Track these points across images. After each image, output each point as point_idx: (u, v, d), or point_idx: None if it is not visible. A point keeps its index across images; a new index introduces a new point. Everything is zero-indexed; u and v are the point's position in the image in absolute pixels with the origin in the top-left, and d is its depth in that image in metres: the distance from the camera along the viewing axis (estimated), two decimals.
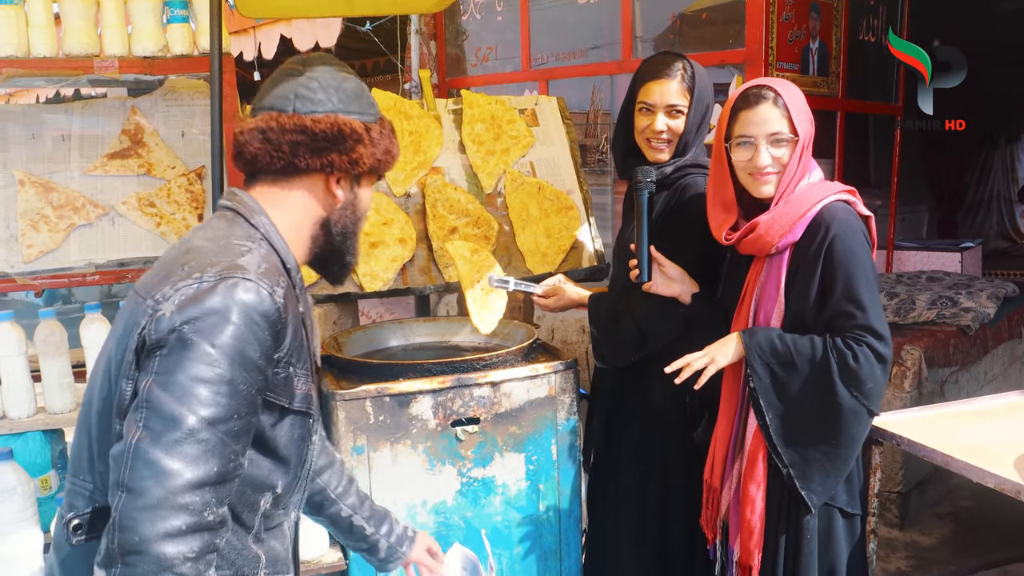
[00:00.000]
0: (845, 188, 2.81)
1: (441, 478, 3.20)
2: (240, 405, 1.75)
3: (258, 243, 1.94)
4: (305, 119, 1.98)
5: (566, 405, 3.31)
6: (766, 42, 5.68)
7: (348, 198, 2.08)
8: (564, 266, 3.89)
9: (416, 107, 4.00)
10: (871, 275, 2.68)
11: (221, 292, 1.75)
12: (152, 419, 1.66)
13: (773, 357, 2.72)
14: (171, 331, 1.72)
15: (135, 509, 1.61)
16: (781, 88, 2.74)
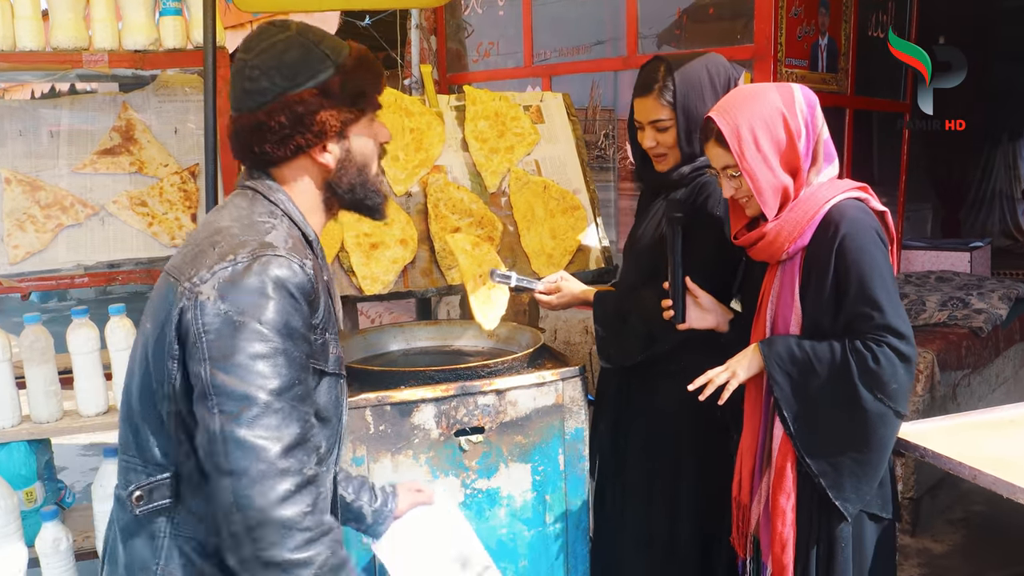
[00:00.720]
0: (856, 185, 2.71)
1: (444, 489, 3.04)
2: (298, 371, 1.85)
3: (280, 219, 2.01)
4: (259, 115, 1.99)
5: (574, 413, 3.19)
6: (775, 38, 5.55)
7: (341, 156, 2.08)
8: (570, 268, 3.76)
9: (417, 103, 3.88)
10: (886, 272, 2.59)
11: (256, 271, 1.83)
12: (225, 403, 1.77)
13: (792, 365, 2.64)
14: (217, 315, 1.80)
15: (244, 488, 1.73)
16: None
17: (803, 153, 2.63)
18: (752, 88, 2.77)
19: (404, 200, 3.70)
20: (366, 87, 2.09)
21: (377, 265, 3.54)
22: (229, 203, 2.07)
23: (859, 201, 2.67)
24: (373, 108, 2.14)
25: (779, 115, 2.63)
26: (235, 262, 1.84)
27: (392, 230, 3.59)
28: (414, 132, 3.80)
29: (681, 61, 3.12)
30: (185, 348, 1.84)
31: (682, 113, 3.06)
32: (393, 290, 3.58)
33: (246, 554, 1.75)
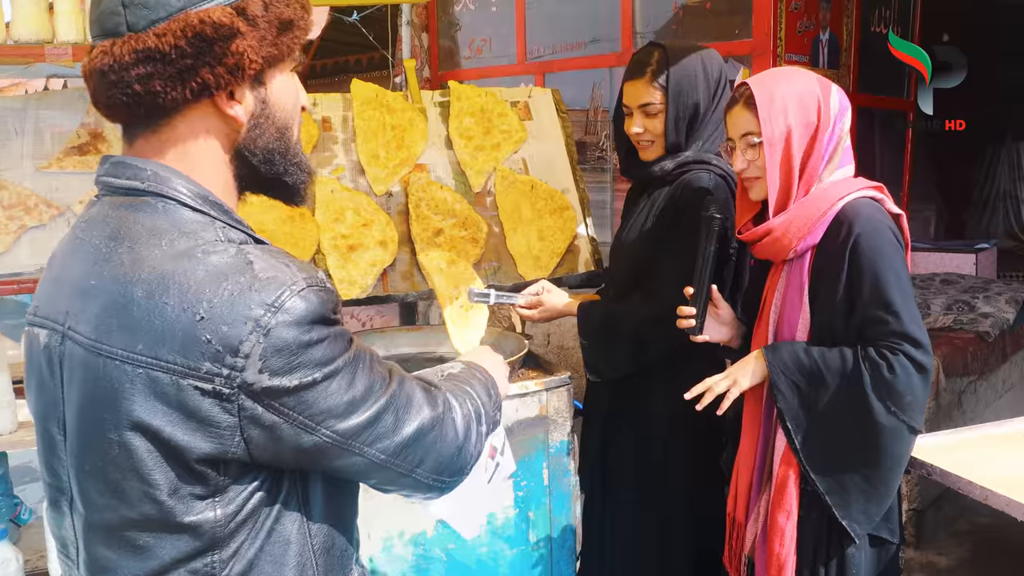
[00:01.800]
0: (871, 184, 2.59)
1: (420, 507, 2.87)
2: (379, 369, 1.60)
3: (225, 232, 1.51)
4: (146, 37, 1.43)
5: (559, 425, 3.04)
6: (774, 33, 5.44)
7: (254, 109, 1.56)
8: (559, 271, 3.61)
9: (400, 99, 3.72)
10: (903, 276, 2.46)
11: (292, 321, 1.42)
12: (367, 437, 1.54)
13: (799, 374, 2.51)
14: (285, 390, 1.43)
15: (440, 457, 1.65)
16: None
17: (823, 147, 2.53)
18: (792, 68, 2.72)
19: (384, 200, 3.55)
20: (293, 16, 1.57)
21: (355, 268, 3.38)
22: (136, 226, 1.50)
23: (874, 200, 2.55)
24: (299, 48, 1.61)
25: (815, 98, 2.53)
26: (264, 330, 1.41)
27: (371, 231, 3.43)
28: (395, 129, 3.64)
29: (677, 48, 3.06)
30: (253, 443, 1.46)
31: (674, 98, 2.98)
32: (372, 294, 3.42)
33: (449, 484, 1.70)
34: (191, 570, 1.50)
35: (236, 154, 1.58)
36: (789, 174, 2.53)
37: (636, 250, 3.08)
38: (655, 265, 2.98)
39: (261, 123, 1.58)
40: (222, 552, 1.51)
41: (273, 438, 1.46)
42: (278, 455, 1.49)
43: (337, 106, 3.67)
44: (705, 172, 2.98)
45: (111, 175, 1.54)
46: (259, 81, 1.56)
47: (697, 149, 3.03)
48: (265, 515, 1.54)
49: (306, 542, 1.60)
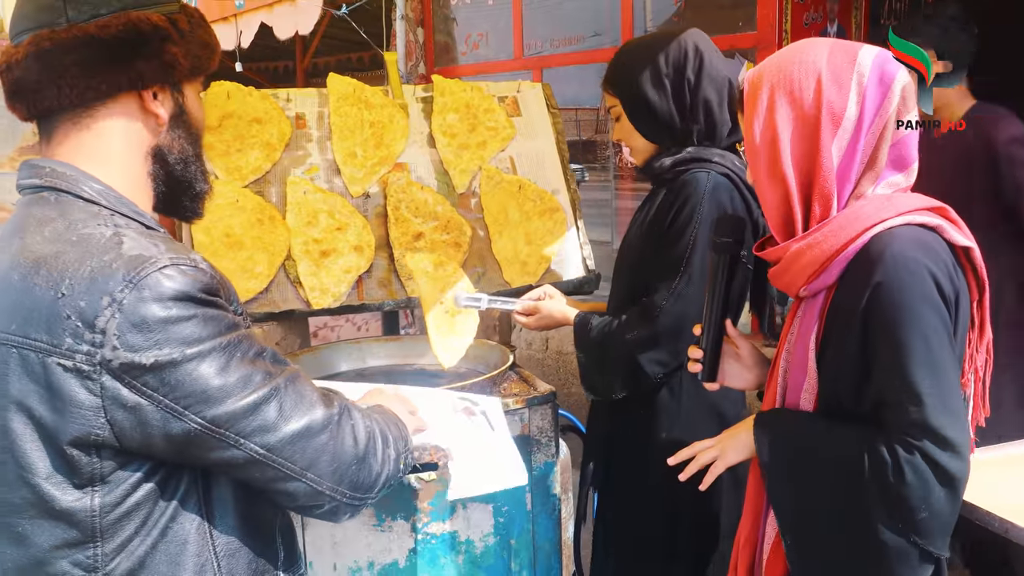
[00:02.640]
0: (926, 205, 1.91)
1: (391, 535, 2.67)
2: (256, 347, 1.61)
3: (112, 219, 1.59)
4: (88, 27, 1.58)
5: (543, 446, 2.82)
6: (779, 25, 5.27)
7: (174, 112, 1.72)
8: (547, 277, 3.39)
9: (379, 94, 3.50)
10: (936, 344, 1.81)
11: (151, 298, 1.47)
12: (244, 426, 1.55)
13: (792, 460, 2.02)
14: (151, 369, 1.47)
15: (326, 467, 1.64)
16: None
17: (839, 147, 1.90)
18: (806, 41, 2.03)
19: (361, 202, 3.33)
20: (211, 41, 1.76)
21: (328, 275, 3.17)
22: (25, 219, 1.59)
23: (925, 228, 1.88)
24: (207, 73, 1.80)
25: (813, 79, 1.91)
26: (118, 304, 1.45)
27: (346, 235, 3.22)
28: (374, 126, 3.43)
29: (631, 42, 2.94)
30: (118, 425, 1.48)
31: (624, 101, 2.78)
32: (346, 303, 3.21)
33: (356, 501, 1.73)
34: (74, 561, 1.53)
35: (154, 152, 1.71)
36: (784, 190, 1.95)
37: (632, 259, 2.86)
38: (650, 278, 2.71)
39: (178, 127, 1.74)
40: (104, 545, 1.53)
41: (139, 422, 1.48)
42: (148, 442, 1.50)
43: (312, 102, 3.45)
44: (703, 172, 2.65)
45: (21, 177, 1.65)
46: (179, 89, 1.73)
47: (696, 146, 2.73)
48: (160, 511, 1.57)
49: (206, 544, 1.62)
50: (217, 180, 3.17)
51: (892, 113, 1.89)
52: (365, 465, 1.72)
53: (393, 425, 1.90)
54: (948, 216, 1.91)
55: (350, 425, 1.71)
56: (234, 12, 8.14)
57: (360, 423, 1.75)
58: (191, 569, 1.60)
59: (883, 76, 1.90)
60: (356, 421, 1.74)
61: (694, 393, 2.62)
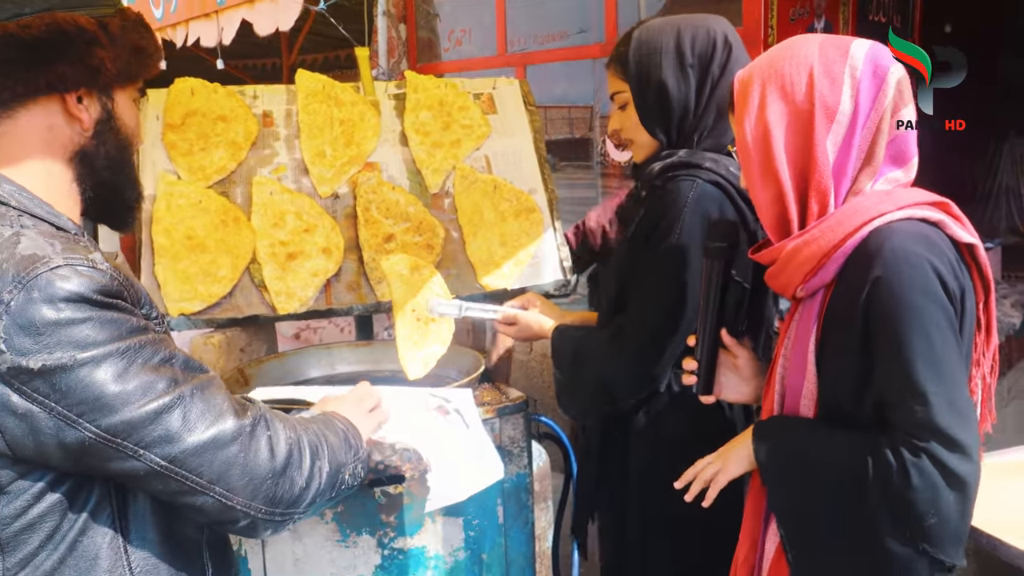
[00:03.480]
0: (927, 199, 1.87)
1: (356, 551, 2.58)
2: (161, 353, 1.56)
3: (19, 219, 1.56)
4: (9, 26, 1.55)
5: (515, 456, 2.71)
6: (765, 21, 5.17)
7: (100, 117, 1.68)
8: (522, 280, 3.28)
9: (350, 91, 3.40)
10: (939, 341, 1.74)
11: (40, 300, 1.43)
12: (143, 436, 1.50)
13: (792, 468, 1.95)
14: (38, 375, 1.43)
15: (235, 481, 1.58)
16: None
17: (833, 141, 1.86)
18: (795, 37, 1.99)
19: (330, 203, 3.24)
20: (147, 47, 1.74)
21: (294, 279, 3.06)
22: None
23: (927, 223, 1.83)
24: (144, 80, 1.78)
25: (805, 73, 1.87)
26: (5, 304, 1.42)
27: (313, 237, 3.12)
28: (344, 124, 3.33)
29: (649, 23, 2.57)
30: (9, 433, 1.45)
31: (634, 84, 2.52)
32: (313, 307, 3.10)
33: (278, 517, 1.66)
34: None
35: (80, 156, 1.67)
36: (777, 189, 1.90)
37: (615, 271, 2.68)
38: (628, 295, 2.56)
39: (105, 132, 1.70)
40: (6, 559, 1.50)
41: (31, 429, 1.44)
42: (42, 451, 1.46)
43: (280, 99, 3.35)
44: (688, 180, 2.44)
45: None
46: (108, 94, 1.69)
47: (693, 146, 2.53)
48: (68, 525, 1.53)
49: (120, 560, 1.59)
50: (180, 180, 3.07)
51: (888, 106, 1.85)
52: (285, 478, 1.66)
53: (333, 435, 1.85)
54: (951, 211, 1.86)
55: (266, 436, 1.66)
56: (215, 8, 8.07)
57: (281, 434, 1.69)
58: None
59: (876, 69, 1.85)
60: (276, 432, 1.68)
61: (672, 418, 2.49)
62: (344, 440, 1.87)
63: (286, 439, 1.69)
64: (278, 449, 1.65)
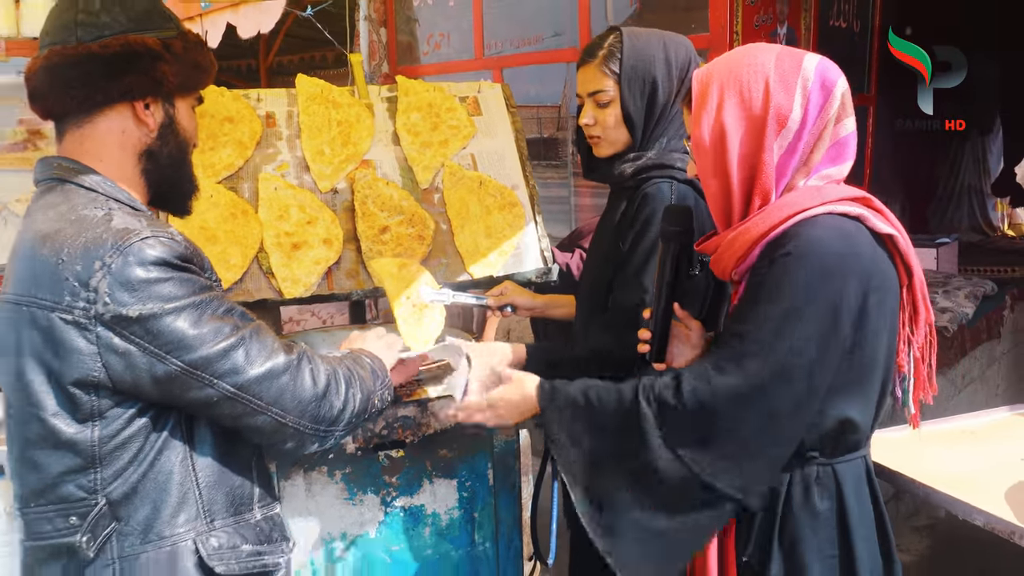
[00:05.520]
0: (853, 195, 2.05)
1: (362, 508, 2.85)
2: (224, 305, 1.91)
3: (107, 203, 1.90)
4: (92, 46, 1.89)
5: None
6: (731, 27, 5.39)
7: (164, 122, 2.01)
8: (506, 268, 3.55)
9: (345, 94, 3.66)
10: (811, 316, 1.93)
11: (135, 263, 1.78)
12: (216, 369, 1.85)
13: (574, 419, 2.16)
14: (137, 323, 1.78)
15: (286, 404, 1.94)
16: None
17: (781, 145, 2.02)
18: (754, 45, 2.15)
19: (329, 197, 3.49)
20: (203, 63, 2.06)
21: (299, 266, 3.32)
22: (37, 205, 1.94)
23: (847, 217, 2.01)
24: (201, 90, 2.12)
25: (762, 82, 2.03)
26: (107, 268, 1.77)
27: (316, 229, 3.38)
28: (341, 125, 3.58)
29: (635, 31, 2.76)
30: (112, 368, 1.81)
31: (627, 83, 2.68)
32: (316, 292, 3.36)
33: (322, 432, 2.01)
34: (78, 485, 1.85)
35: (146, 154, 2.00)
36: (726, 185, 2.07)
37: (595, 274, 2.89)
38: (610, 293, 2.76)
39: (167, 134, 2.02)
40: (103, 471, 1.85)
41: (129, 364, 1.80)
42: (137, 383, 1.82)
43: (282, 101, 3.61)
44: (667, 183, 2.66)
45: (36, 172, 1.99)
46: (170, 102, 2.01)
47: (661, 148, 2.73)
48: (149, 445, 1.89)
49: (188, 476, 1.94)
50: None
51: (832, 116, 2.02)
52: (326, 402, 2.00)
53: (363, 368, 2.19)
54: (872, 205, 2.05)
55: (309, 368, 1.99)
56: (199, 12, 8.26)
57: (320, 367, 2.03)
58: (176, 496, 1.91)
59: (825, 82, 2.03)
60: (316, 365, 2.02)
61: None
62: (371, 372, 2.21)
63: (325, 371, 2.03)
64: (319, 379, 1.99)
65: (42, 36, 1.96)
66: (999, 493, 2.53)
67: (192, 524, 1.93)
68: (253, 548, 2.01)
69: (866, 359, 2.01)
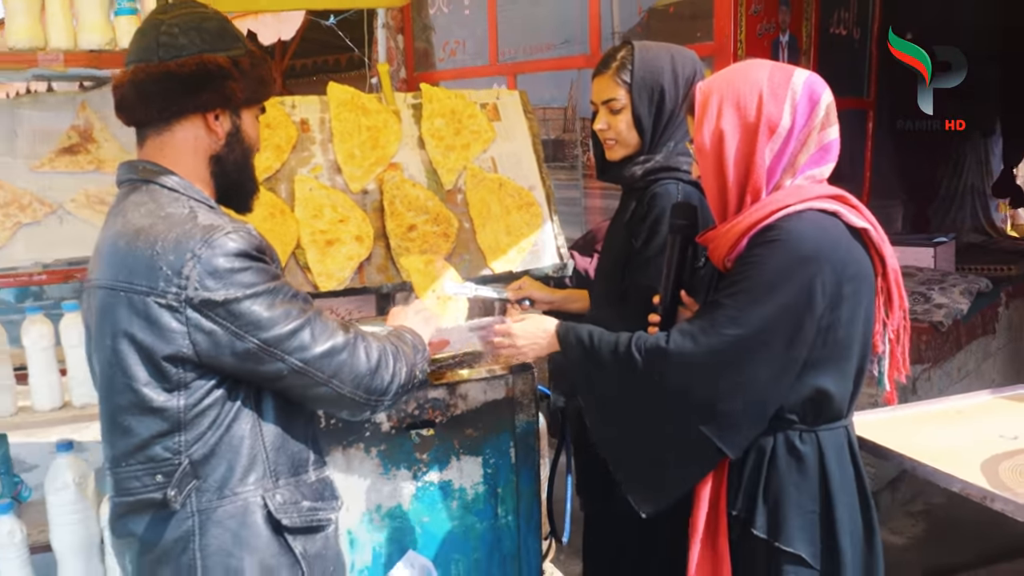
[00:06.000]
0: (830, 193, 2.32)
1: (396, 483, 3.13)
2: (291, 293, 2.15)
3: (188, 202, 2.14)
4: (170, 65, 2.12)
5: (524, 407, 3.24)
6: (734, 36, 5.63)
7: (230, 131, 2.24)
8: (524, 264, 3.81)
9: (374, 101, 3.92)
10: (780, 295, 2.22)
11: (220, 253, 2.02)
12: (287, 346, 2.10)
13: (583, 357, 2.54)
14: (220, 305, 2.02)
15: (345, 377, 2.19)
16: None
17: (773, 151, 2.28)
18: (749, 61, 2.45)
19: (360, 197, 3.74)
20: (267, 78, 2.31)
21: (332, 262, 3.57)
22: (127, 203, 2.17)
23: (825, 213, 2.28)
24: (264, 102, 2.35)
25: (755, 97, 2.29)
26: (197, 257, 2.01)
27: (348, 227, 3.62)
28: (371, 130, 3.83)
29: (646, 44, 3.03)
30: (199, 345, 2.04)
31: (637, 92, 2.94)
32: (349, 286, 3.61)
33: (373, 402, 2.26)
34: (164, 447, 2.10)
35: (215, 158, 2.25)
36: (723, 184, 2.33)
37: (608, 269, 3.16)
38: (627, 290, 2.99)
39: (233, 141, 2.26)
40: (186, 435, 2.10)
41: (214, 342, 2.04)
42: (219, 358, 2.07)
43: (315, 108, 3.86)
44: (673, 183, 2.92)
45: (120, 173, 2.24)
46: (236, 113, 2.25)
47: (668, 151, 2.97)
48: (225, 413, 2.13)
49: (258, 440, 2.18)
50: None
51: (816, 125, 2.29)
52: (377, 376, 2.25)
53: (405, 344, 2.44)
54: (848, 202, 2.32)
55: (363, 347, 2.24)
56: None
57: (373, 345, 2.28)
58: (247, 458, 2.16)
59: (811, 94, 2.29)
60: (369, 344, 2.27)
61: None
62: (412, 347, 2.46)
63: (377, 348, 2.28)
64: (371, 356, 2.25)
65: (128, 53, 2.20)
66: (976, 465, 2.78)
67: (260, 483, 2.17)
68: (311, 504, 2.26)
69: (840, 338, 2.28)
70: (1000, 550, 4.65)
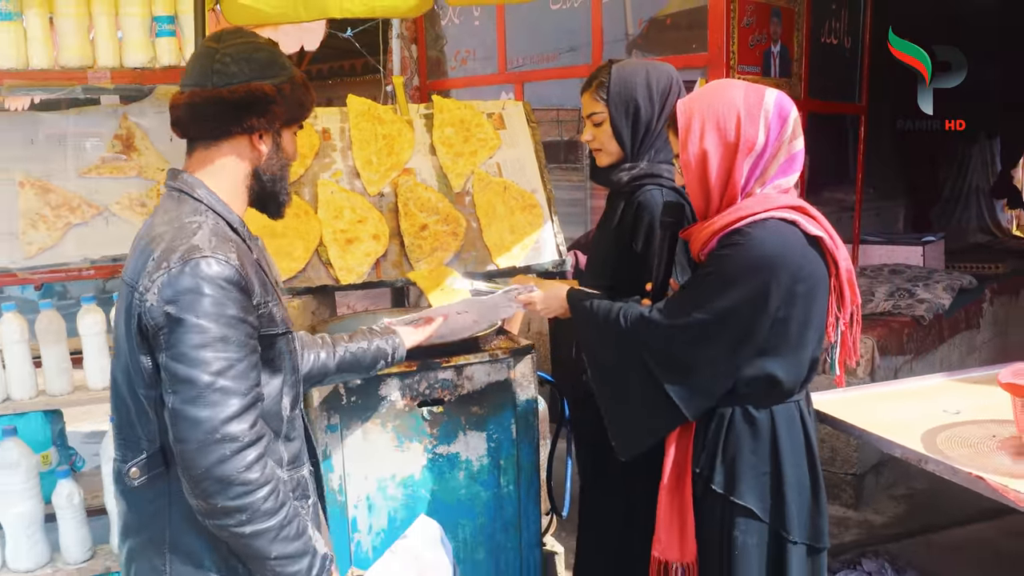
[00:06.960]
0: (791, 203, 2.62)
1: (409, 454, 3.45)
2: (237, 352, 2.18)
3: (205, 215, 2.30)
4: (223, 91, 2.30)
5: (524, 387, 3.56)
6: (727, 46, 5.84)
7: (271, 150, 2.41)
8: (527, 260, 4.16)
9: (390, 112, 4.28)
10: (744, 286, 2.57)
11: (189, 273, 2.14)
12: (176, 385, 2.13)
13: (584, 318, 2.95)
14: (163, 315, 2.14)
15: (189, 452, 2.11)
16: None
17: (748, 166, 2.59)
18: (724, 82, 2.74)
19: (377, 200, 4.09)
20: (306, 103, 2.47)
21: (352, 258, 3.93)
22: (162, 207, 2.37)
23: (785, 222, 2.60)
24: (302, 122, 2.53)
25: (734, 119, 2.57)
26: (169, 269, 2.14)
27: (366, 226, 3.98)
28: (386, 138, 4.19)
29: (624, 62, 3.30)
30: (149, 344, 2.20)
31: (613, 107, 3.21)
32: (367, 280, 3.97)
33: (196, 502, 2.16)
34: (143, 429, 2.28)
35: (254, 172, 2.44)
36: (707, 194, 2.63)
37: (596, 265, 3.50)
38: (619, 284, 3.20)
39: (273, 157, 2.44)
40: (159, 423, 2.24)
41: (158, 344, 2.17)
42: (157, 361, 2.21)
43: (335, 119, 4.22)
44: (657, 189, 3.16)
45: (168, 179, 2.43)
46: (278, 132, 2.43)
47: (651, 159, 3.23)
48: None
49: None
50: None
51: (786, 138, 2.60)
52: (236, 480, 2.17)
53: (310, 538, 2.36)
54: (806, 212, 2.63)
55: (255, 455, 2.20)
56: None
57: (279, 491, 2.25)
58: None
59: (781, 111, 2.60)
60: (268, 473, 2.23)
61: None
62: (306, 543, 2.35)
63: (273, 487, 2.23)
64: (252, 473, 2.18)
65: (184, 77, 2.38)
66: (919, 434, 3.14)
67: None
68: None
69: (793, 331, 2.63)
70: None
